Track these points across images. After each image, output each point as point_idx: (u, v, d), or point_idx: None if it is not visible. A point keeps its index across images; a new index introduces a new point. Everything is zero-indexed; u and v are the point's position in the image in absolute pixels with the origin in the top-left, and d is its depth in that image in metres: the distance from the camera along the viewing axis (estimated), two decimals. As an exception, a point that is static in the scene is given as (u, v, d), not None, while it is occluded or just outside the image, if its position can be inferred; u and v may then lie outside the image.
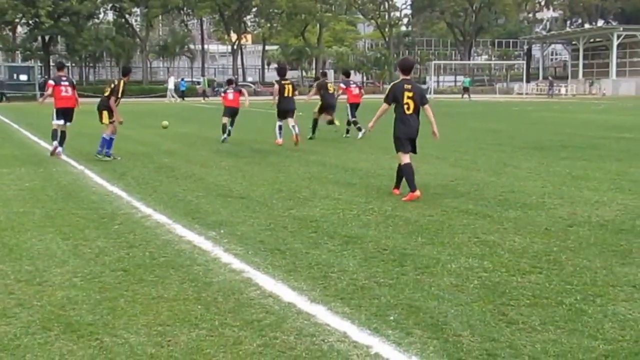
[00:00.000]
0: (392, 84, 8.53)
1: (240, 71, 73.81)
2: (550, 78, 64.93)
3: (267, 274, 5.03)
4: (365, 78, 78.05)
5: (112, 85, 12.30)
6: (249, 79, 76.10)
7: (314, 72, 74.69)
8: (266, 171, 10.63)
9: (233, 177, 9.94)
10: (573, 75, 66.59)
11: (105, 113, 12.30)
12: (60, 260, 5.51)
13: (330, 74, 78.55)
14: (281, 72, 15.60)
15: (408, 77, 8.45)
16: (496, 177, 9.97)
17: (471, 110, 34.14)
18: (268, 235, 6.26)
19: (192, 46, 74.64)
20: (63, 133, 13.01)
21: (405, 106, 8.34)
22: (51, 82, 13.00)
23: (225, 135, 15.79)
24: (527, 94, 62.57)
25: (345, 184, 9.28)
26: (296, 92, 15.19)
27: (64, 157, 12.78)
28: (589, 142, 15.31)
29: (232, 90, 16.61)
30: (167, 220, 6.94)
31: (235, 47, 69.89)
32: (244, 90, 16.94)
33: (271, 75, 68.98)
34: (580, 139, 16.33)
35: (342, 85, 18.32)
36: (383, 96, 8.58)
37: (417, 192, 8.04)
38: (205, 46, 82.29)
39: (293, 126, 14.65)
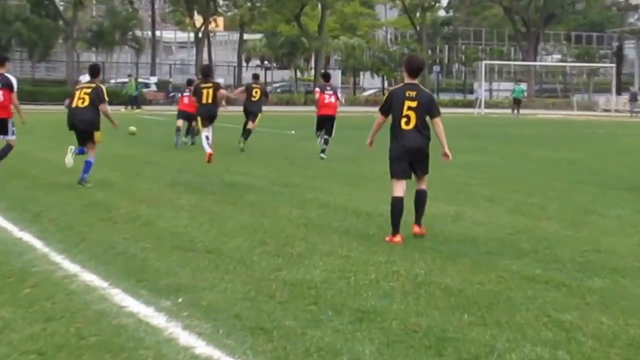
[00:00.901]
0: (390, 89, 9.06)
1: (206, 70, 74.13)
2: (631, 89, 65.28)
3: (245, 364, 5.03)
4: (386, 82, 78.62)
5: (91, 90, 13.25)
6: (220, 80, 76.54)
7: (312, 72, 75.37)
8: (244, 214, 10.66)
9: (196, 222, 9.97)
10: (684, 86, 67.10)
11: (97, 132, 13.42)
12: (-53, 338, 5.51)
13: (336, 75, 79.37)
14: (204, 72, 19.23)
15: (414, 82, 8.89)
16: (574, 229, 10.01)
17: (537, 132, 34.36)
18: (247, 307, 6.26)
19: (138, 33, 75.35)
20: (5, 148, 14.27)
21: (404, 119, 8.80)
22: None
23: (177, 140, 20.78)
24: (617, 110, 63.01)
25: (357, 235, 9.31)
26: (221, 92, 18.35)
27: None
28: None
29: (188, 94, 21.05)
30: (101, 282, 6.95)
31: (200, 35, 70.52)
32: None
33: (250, 76, 69.65)
34: (694, 176, 16.41)
35: (316, 89, 20.52)
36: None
37: (399, 238, 8.79)
38: (158, 33, 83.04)
39: (207, 137, 17.71)
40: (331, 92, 19.72)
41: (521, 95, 54.06)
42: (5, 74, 14.29)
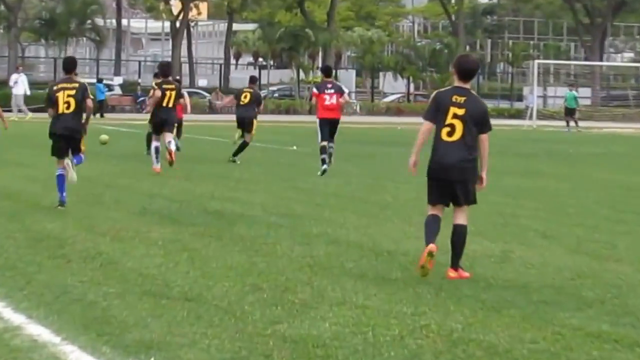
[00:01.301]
0: (436, 91, 9.54)
1: (186, 67, 74.56)
2: None
3: None
4: (412, 86, 78.81)
5: (75, 91, 13.89)
6: (202, 81, 76.93)
7: (318, 72, 75.53)
8: (232, 252, 10.66)
9: (172, 262, 9.97)
10: None
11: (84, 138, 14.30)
12: None
13: (350, 76, 79.45)
14: (164, 71, 20.72)
15: (465, 86, 9.33)
16: (652, 274, 10.00)
17: (603, 150, 34.37)
18: (236, 369, 6.26)
19: (100, 22, 75.64)
20: None
21: (447, 129, 9.18)
22: None
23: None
24: None
25: (376, 279, 9.31)
26: (182, 101, 20.61)
27: None
28: None
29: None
30: (52, 336, 6.95)
31: (178, 24, 70.86)
32: (185, 94, 22.32)
33: (240, 77, 69.66)
34: None
35: (314, 90, 21.10)
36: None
37: (431, 247, 8.98)
38: (124, 22, 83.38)
39: (169, 142, 19.25)
40: (332, 92, 20.19)
41: (574, 104, 53.96)
42: None
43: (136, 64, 78.92)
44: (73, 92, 13.72)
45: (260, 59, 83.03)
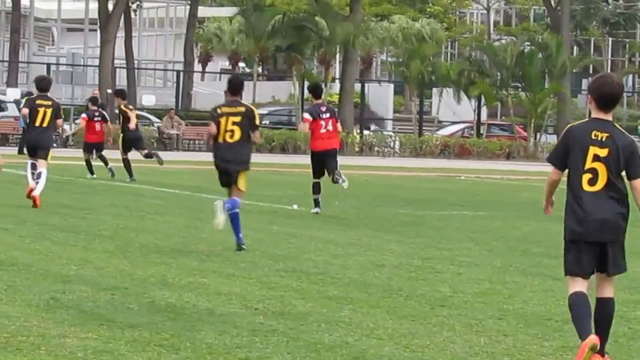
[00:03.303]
0: (569, 125, 10.24)
1: (122, 75, 74.97)
2: None
3: None
4: (484, 111, 78.70)
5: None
6: (147, 98, 76.89)
7: (337, 85, 75.65)
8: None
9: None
10: None
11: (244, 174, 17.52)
12: None
13: (386, 92, 79.32)
14: (43, 84, 23.24)
15: (607, 118, 10.09)
16: None
17: None
18: None
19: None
20: None
21: (587, 176, 9.97)
22: None
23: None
24: None
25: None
26: (58, 122, 22.53)
27: None
28: None
29: (100, 119, 29.55)
30: None
31: (111, 7, 71.23)
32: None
33: (210, 93, 69.62)
34: None
35: (306, 115, 23.84)
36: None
37: (594, 339, 9.87)
38: (26, 2, 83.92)
39: (39, 174, 21.67)
40: (328, 116, 22.94)
41: None
42: None
43: (44, 68, 79.27)
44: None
45: (242, 65, 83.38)
